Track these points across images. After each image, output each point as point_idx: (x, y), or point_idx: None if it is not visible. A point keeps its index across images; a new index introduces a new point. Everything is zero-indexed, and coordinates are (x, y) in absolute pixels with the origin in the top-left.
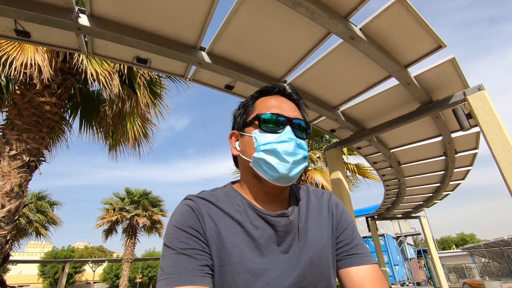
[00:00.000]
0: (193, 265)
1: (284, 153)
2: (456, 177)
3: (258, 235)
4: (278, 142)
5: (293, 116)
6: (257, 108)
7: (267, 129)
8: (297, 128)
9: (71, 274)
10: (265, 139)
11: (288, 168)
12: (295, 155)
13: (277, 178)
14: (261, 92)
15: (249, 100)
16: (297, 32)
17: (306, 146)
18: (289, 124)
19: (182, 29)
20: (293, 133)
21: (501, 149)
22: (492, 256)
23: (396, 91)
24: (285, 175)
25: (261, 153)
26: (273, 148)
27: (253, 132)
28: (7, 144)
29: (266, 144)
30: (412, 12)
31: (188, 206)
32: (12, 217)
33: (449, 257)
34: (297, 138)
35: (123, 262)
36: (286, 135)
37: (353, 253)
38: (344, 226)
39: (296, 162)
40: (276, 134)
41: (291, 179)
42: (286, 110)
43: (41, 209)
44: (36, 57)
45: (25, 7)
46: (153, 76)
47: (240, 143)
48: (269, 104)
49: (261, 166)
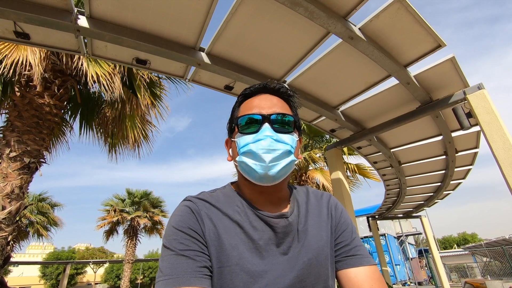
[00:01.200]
0: (192, 266)
1: (260, 152)
2: (457, 176)
3: (257, 237)
4: (254, 142)
5: (271, 112)
6: (240, 112)
7: (245, 131)
8: (278, 123)
9: (73, 275)
10: (243, 141)
11: (266, 167)
12: (273, 151)
13: (258, 178)
14: (245, 95)
15: (234, 105)
16: (296, 32)
17: (291, 140)
18: (267, 121)
19: (181, 30)
20: (272, 129)
21: (501, 148)
22: (494, 255)
23: (396, 90)
24: (265, 174)
25: (241, 156)
26: (249, 149)
27: (236, 136)
28: (7, 146)
29: (244, 146)
30: (411, 12)
31: (187, 207)
32: (13, 218)
33: (451, 256)
34: (275, 133)
35: (124, 263)
36: (261, 133)
37: (352, 254)
38: (343, 227)
39: (275, 159)
40: (253, 134)
41: (274, 178)
42: (264, 108)
43: (42, 210)
44: (28, 56)
45: (24, 9)
46: (153, 78)
47: (231, 149)
48: (250, 105)
49: (244, 168)
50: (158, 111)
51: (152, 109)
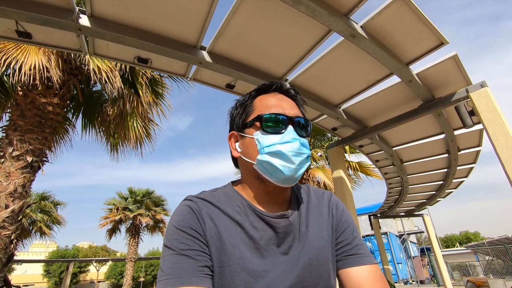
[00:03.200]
0: (193, 266)
1: (289, 154)
2: (459, 174)
3: (258, 237)
4: (282, 143)
5: (293, 115)
6: (257, 107)
7: (270, 129)
8: (299, 127)
9: (76, 274)
10: (268, 141)
11: (294, 169)
12: (301, 155)
13: (282, 180)
14: (259, 90)
15: (247, 99)
16: (297, 31)
17: (308, 145)
18: (291, 123)
19: (182, 29)
20: (296, 132)
21: (505, 146)
22: (496, 254)
23: (398, 88)
24: (291, 176)
25: (266, 155)
26: (278, 150)
27: (255, 133)
28: (10, 145)
29: (270, 146)
30: (413, 9)
31: (188, 206)
32: (16, 217)
33: (453, 255)
34: (300, 138)
35: (127, 261)
36: (289, 135)
37: (353, 253)
38: (344, 226)
39: (301, 162)
40: (279, 134)
41: (296, 180)
42: (286, 109)
43: (45, 209)
44: (43, 60)
45: (26, 8)
46: (155, 76)
47: (240, 144)
48: (269, 103)
49: (266, 168)
50: (160, 110)
51: (154, 107)
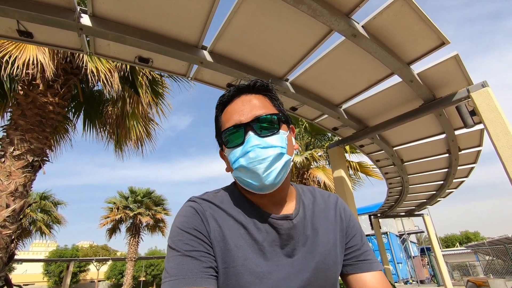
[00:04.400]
0: (198, 267)
1: (251, 166)
2: (460, 174)
3: (261, 238)
4: (243, 155)
5: (251, 117)
6: (222, 124)
7: (231, 145)
8: (261, 128)
9: (76, 273)
10: (233, 157)
11: (262, 177)
12: (263, 160)
13: (258, 189)
14: (222, 103)
15: (216, 116)
16: (298, 30)
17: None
18: (250, 129)
19: (183, 28)
20: (257, 135)
21: (506, 146)
22: (496, 254)
23: (399, 88)
24: (262, 185)
25: (236, 171)
26: (240, 164)
27: (226, 150)
28: (11, 144)
29: (235, 162)
30: (414, 9)
31: (192, 208)
32: (17, 216)
33: (453, 255)
34: (261, 140)
35: (127, 261)
36: (247, 145)
37: (362, 259)
38: (353, 231)
39: (267, 167)
40: (239, 146)
41: (273, 185)
42: (244, 114)
43: (45, 208)
44: (38, 55)
45: (27, 8)
46: (155, 76)
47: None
48: (229, 114)
49: (241, 182)
50: (160, 109)
51: (155, 107)
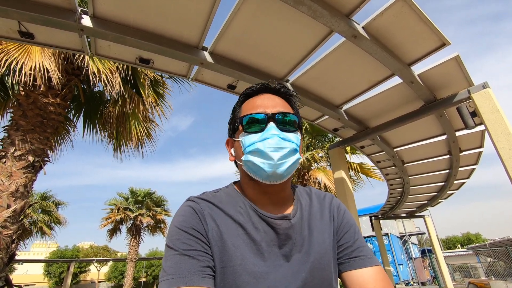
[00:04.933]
0: (195, 266)
1: (268, 150)
2: (461, 176)
3: (259, 238)
4: (261, 140)
5: (275, 111)
6: (242, 111)
7: (250, 130)
8: (283, 122)
9: (76, 274)
10: (249, 140)
11: (274, 165)
12: (281, 149)
13: (266, 177)
14: (246, 94)
15: (236, 105)
16: (299, 31)
17: (296, 138)
18: (272, 120)
19: (184, 29)
20: (277, 128)
21: (507, 147)
22: (498, 256)
23: (400, 89)
24: (273, 172)
25: (247, 155)
26: (256, 148)
27: (240, 135)
28: (12, 145)
29: (250, 145)
30: (415, 10)
31: (190, 207)
32: (18, 217)
33: (454, 256)
34: (281, 132)
35: (128, 262)
36: (268, 132)
37: (355, 256)
38: (345, 229)
39: (283, 157)
40: (258, 133)
41: (282, 176)
42: (268, 107)
43: (46, 209)
44: (44, 61)
45: (28, 9)
46: (156, 77)
47: (234, 148)
48: (253, 105)
49: (250, 167)
50: (161, 110)
51: (155, 108)
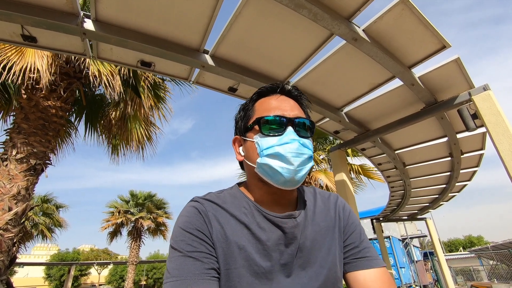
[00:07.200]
0: (199, 268)
1: (288, 156)
2: (462, 178)
3: (265, 237)
4: (281, 144)
5: (294, 116)
6: (257, 111)
7: (268, 132)
8: (300, 127)
9: (77, 277)
10: (267, 143)
11: (293, 171)
12: (301, 155)
13: (283, 182)
14: (259, 93)
15: (248, 103)
16: (300, 34)
17: (311, 145)
18: (291, 125)
19: (185, 33)
20: (296, 133)
21: (508, 150)
22: (500, 258)
23: (400, 92)
24: (291, 178)
25: (265, 158)
26: (276, 151)
27: (255, 136)
28: (14, 148)
29: (269, 148)
30: (415, 13)
31: (194, 208)
32: (19, 219)
33: (456, 259)
34: (300, 138)
35: (128, 265)
36: (288, 137)
37: (360, 257)
38: (351, 229)
39: (302, 163)
40: (277, 136)
41: (298, 182)
42: (286, 110)
43: (47, 211)
44: (36, 61)
45: (32, 13)
46: (157, 80)
47: (243, 148)
48: (269, 105)
49: (266, 171)
50: (161, 113)
51: (156, 111)
